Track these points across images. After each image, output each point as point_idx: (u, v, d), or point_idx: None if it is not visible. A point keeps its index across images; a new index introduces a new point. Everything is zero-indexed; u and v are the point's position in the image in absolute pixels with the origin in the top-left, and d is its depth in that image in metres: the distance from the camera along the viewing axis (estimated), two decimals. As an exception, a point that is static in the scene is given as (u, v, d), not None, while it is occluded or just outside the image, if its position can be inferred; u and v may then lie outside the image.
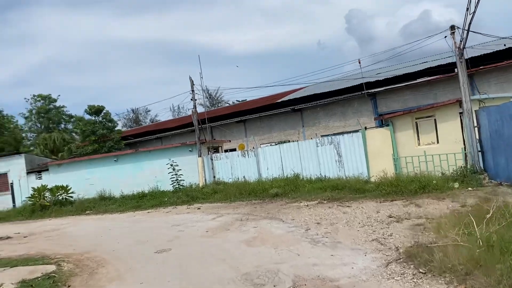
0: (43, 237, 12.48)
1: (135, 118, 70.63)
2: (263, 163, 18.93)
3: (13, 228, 15.99)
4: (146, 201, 18.45)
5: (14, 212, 20.57)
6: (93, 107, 36.78)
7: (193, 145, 20.80)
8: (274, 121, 29.00)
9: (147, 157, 21.53)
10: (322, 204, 11.88)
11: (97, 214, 17.56)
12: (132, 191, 20.78)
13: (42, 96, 45.38)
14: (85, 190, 21.75)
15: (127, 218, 15.01)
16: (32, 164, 23.40)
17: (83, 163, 22.43)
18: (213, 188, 18.10)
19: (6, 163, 23.16)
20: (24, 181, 22.85)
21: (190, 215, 13.18)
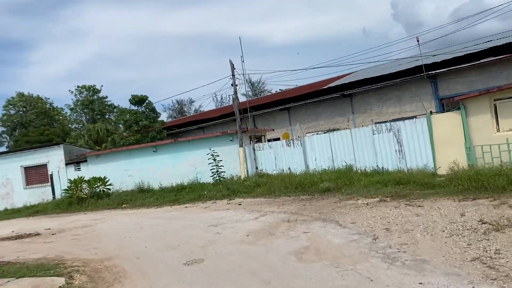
0: (71, 235, 11.39)
1: (180, 109, 70.49)
2: (311, 153, 17.08)
3: (46, 223, 15.20)
4: (185, 194, 17.18)
5: (52, 204, 20.01)
6: (136, 97, 36.27)
7: (234, 134, 19.29)
8: (321, 108, 26.97)
9: (186, 147, 20.28)
10: (385, 203, 9.94)
11: (133, 208, 16.48)
12: (171, 183, 19.64)
13: (86, 87, 45.67)
14: (124, 182, 20.89)
15: (162, 213, 13.72)
16: (71, 155, 22.85)
17: (121, 154, 21.56)
18: (256, 181, 16.50)
19: (45, 154, 22.73)
20: (63, 172, 22.32)
21: (230, 213, 11.64)
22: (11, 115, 50.17)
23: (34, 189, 22.87)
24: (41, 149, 22.83)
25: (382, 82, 23.39)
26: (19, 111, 51.10)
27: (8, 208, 22.97)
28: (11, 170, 23.20)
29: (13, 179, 23.20)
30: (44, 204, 20.99)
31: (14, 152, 23.32)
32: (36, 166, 22.90)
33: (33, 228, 14.11)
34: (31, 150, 22.94)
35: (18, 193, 23.09)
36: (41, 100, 52.42)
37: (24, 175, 23.07)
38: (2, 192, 23.43)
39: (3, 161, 23.31)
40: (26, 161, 22.98)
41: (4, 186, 23.38)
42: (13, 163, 23.17)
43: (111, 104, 46.44)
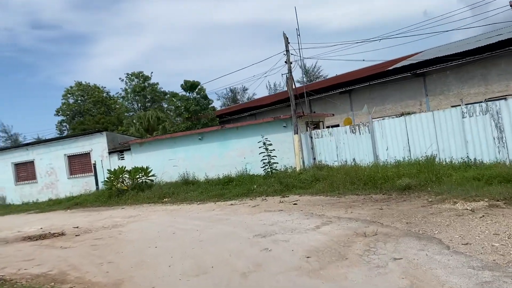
0: (93, 239, 9.53)
1: (233, 98, 68.95)
2: (381, 141, 14.25)
3: (79, 219, 13.70)
4: (232, 188, 15.02)
5: (93, 196, 18.70)
6: (188, 82, 34.72)
7: (288, 120, 16.81)
8: (388, 90, 23.74)
9: (234, 134, 18.09)
10: (499, 209, 7.07)
11: (174, 203, 14.56)
12: (218, 175, 17.60)
13: (136, 74, 44.93)
14: (168, 172, 19.14)
15: (203, 212, 11.58)
16: (115, 143, 21.48)
17: (165, 141, 19.80)
18: (314, 174, 13.95)
19: (88, 142, 21.52)
20: (106, 161, 21.00)
21: (283, 216, 9.23)
22: (70, 104, 51.02)
23: (77, 179, 21.82)
24: (84, 137, 21.66)
25: (462, 59, 19.80)
26: (78, 100, 51.90)
27: (52, 198, 22.13)
28: (55, 159, 22.29)
29: (57, 168, 22.30)
30: (86, 195, 19.77)
31: (58, 140, 22.39)
32: (80, 155, 21.79)
33: (62, 225, 12.59)
34: (74, 138, 21.86)
35: (62, 183, 22.16)
36: (98, 89, 52.90)
37: (68, 164, 22.06)
38: (47, 182, 22.63)
39: (48, 149, 22.45)
40: (69, 149, 21.95)
41: (49, 175, 22.55)
42: (57, 151, 22.24)
43: (162, 91, 45.46)
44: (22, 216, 17.25)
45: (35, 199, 22.76)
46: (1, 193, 23.88)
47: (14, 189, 23.59)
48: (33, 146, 23.00)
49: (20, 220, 15.67)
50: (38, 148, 22.81)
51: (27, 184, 23.26)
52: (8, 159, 23.67)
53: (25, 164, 23.36)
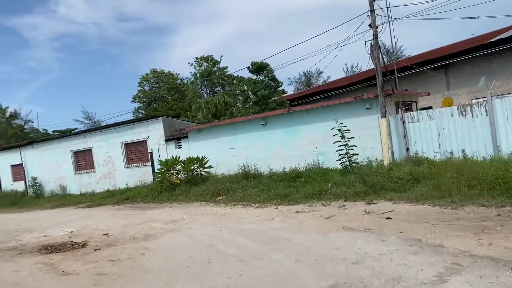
0: (107, 260, 7.03)
1: (307, 82, 65.33)
2: (505, 126, 10.35)
3: (117, 221, 11.60)
4: (300, 187, 11.98)
5: (146, 189, 16.67)
6: (255, 64, 31.93)
7: (372, 100, 13.30)
8: (496, 65, 18.97)
9: (304, 119, 14.93)
10: None
11: (227, 204, 11.85)
12: (283, 167, 14.66)
13: (205, 58, 43.21)
14: (227, 163, 16.56)
15: (259, 224, 8.61)
16: (172, 130, 19.34)
17: (225, 128, 17.18)
18: (410, 171, 10.39)
19: (144, 129, 19.60)
20: (163, 150, 18.95)
21: (373, 242, 6.00)
22: (145, 91, 51.24)
23: (134, 169, 20.09)
24: (140, 123, 19.78)
25: None
26: (153, 87, 51.97)
27: (110, 189, 20.69)
28: (112, 147, 20.77)
29: (114, 157, 20.77)
30: (140, 187, 17.87)
31: (115, 126, 20.82)
32: (136, 143, 20.01)
33: (94, 230, 10.45)
34: (131, 124, 20.08)
35: (120, 173, 20.61)
36: (172, 76, 52.54)
37: (125, 152, 20.42)
38: (105, 171, 21.25)
39: (105, 136, 20.99)
40: (126, 136, 20.26)
41: (106, 164, 21.14)
42: (114, 138, 20.69)
43: (230, 74, 43.29)
44: (68, 211, 15.72)
45: (93, 190, 21.56)
46: (61, 182, 23.06)
47: (73, 178, 22.61)
48: (90, 133, 21.71)
49: (62, 216, 14.03)
50: (95, 135, 21.46)
51: (86, 174, 22.13)
52: (67, 147, 22.70)
53: (84, 152, 22.22)
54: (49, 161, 23.54)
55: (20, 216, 15.61)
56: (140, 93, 51.48)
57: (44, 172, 23.81)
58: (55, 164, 23.31)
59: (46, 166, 23.71)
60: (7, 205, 20.85)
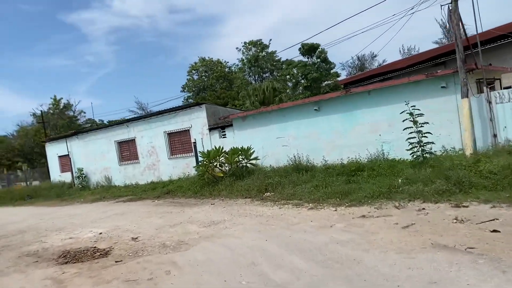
0: (123, 280, 5.61)
1: (361, 66, 61.98)
2: None
3: (151, 220, 10.25)
4: (362, 182, 10.11)
5: (188, 183, 15.34)
6: (306, 45, 29.89)
7: (448, 77, 11.04)
8: None
9: (364, 102, 12.89)
10: None
11: (275, 202, 10.17)
12: (340, 159, 12.83)
13: (253, 42, 41.52)
14: (276, 154, 14.91)
15: (314, 233, 6.82)
16: (216, 118, 17.91)
17: (273, 115, 15.46)
18: (508, 164, 8.17)
19: (187, 117, 18.31)
20: (206, 140, 17.59)
21: (490, 272, 4.09)
22: (194, 80, 50.64)
23: (178, 160, 18.93)
24: (182, 111, 18.49)
25: None
26: (201, 76, 51.30)
27: (154, 180, 19.71)
28: (156, 137, 19.72)
29: (157, 147, 19.72)
30: (183, 180, 16.64)
31: (157, 115, 19.72)
32: (179, 132, 18.79)
33: (124, 232, 9.20)
34: (173, 112, 18.85)
35: (164, 164, 19.54)
36: (220, 64, 51.55)
37: (168, 142, 19.29)
38: (149, 162, 20.28)
39: (148, 126, 19.96)
40: (169, 125, 19.09)
41: (150, 155, 20.15)
42: (157, 128, 19.61)
43: (279, 59, 41.36)
44: (107, 205, 14.75)
45: (137, 181, 20.72)
46: (107, 173, 22.46)
47: (118, 169, 21.91)
48: (133, 123, 20.78)
49: (98, 212, 13.01)
50: (138, 125, 20.51)
51: (130, 165, 21.32)
52: (111, 137, 21.98)
53: (127, 142, 21.39)
54: (94, 152, 23.02)
55: (57, 211, 14.88)
56: (189, 82, 50.90)
57: (90, 163, 23.35)
58: (100, 155, 22.74)
59: (91, 157, 23.22)
60: (52, 197, 20.51)
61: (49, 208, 16.59)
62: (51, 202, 18.70)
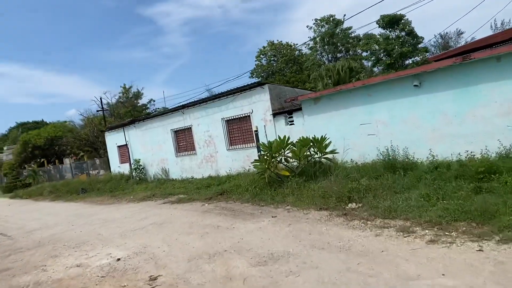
0: None
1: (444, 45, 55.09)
2: None
3: (192, 241, 7.40)
4: (504, 192, 6.39)
5: (247, 181, 12.29)
6: (386, 17, 25.69)
7: None
8: None
9: (491, 72, 8.96)
10: None
11: (367, 223, 6.74)
12: (454, 154, 9.10)
13: (325, 19, 37.48)
14: (360, 146, 11.47)
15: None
16: (281, 101, 14.75)
17: (355, 94, 11.90)
18: None
19: (247, 101, 15.33)
20: (270, 127, 14.53)
21: None
22: (263, 65, 48.03)
23: (237, 151, 16.11)
24: (242, 94, 15.53)
25: None
26: (270, 60, 48.53)
27: (212, 175, 17.14)
28: (213, 125, 17.05)
29: (215, 137, 17.05)
30: (241, 177, 13.68)
31: (214, 99, 16.99)
32: (239, 119, 15.92)
33: (150, 258, 6.57)
34: (231, 96, 15.98)
35: (222, 156, 16.85)
36: (289, 47, 48.22)
37: (226, 131, 16.52)
38: (206, 154, 17.71)
39: (204, 112, 17.33)
40: (227, 111, 16.29)
41: (207, 145, 17.55)
42: (214, 114, 16.91)
43: (356, 36, 36.94)
44: (149, 208, 12.24)
45: (193, 175, 18.31)
46: (164, 165, 20.34)
47: (175, 161, 19.66)
48: (188, 109, 18.26)
49: (134, 220, 10.50)
50: (194, 111, 17.95)
51: (187, 156, 18.93)
52: (167, 125, 19.73)
53: (184, 131, 18.99)
54: (151, 141, 20.99)
55: (98, 213, 12.73)
56: (257, 68, 48.22)
57: (147, 153, 21.41)
58: (156, 145, 20.65)
59: (149, 147, 21.24)
60: (106, 192, 18.76)
61: (93, 207, 14.63)
62: (100, 199, 16.86)
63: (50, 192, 22.31)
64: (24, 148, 39.58)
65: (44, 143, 39.71)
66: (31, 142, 39.44)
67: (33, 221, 12.85)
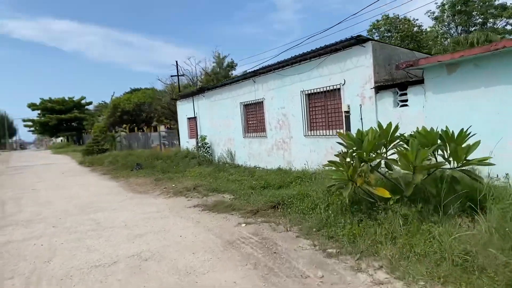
0: None
1: None
2: None
3: None
4: None
5: (321, 189, 7.56)
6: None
7: None
8: None
9: None
10: None
11: None
12: None
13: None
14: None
15: None
16: (390, 68, 9.60)
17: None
18: None
19: (338, 67, 10.41)
20: (369, 108, 9.53)
21: None
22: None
23: (318, 140, 11.39)
24: (329, 57, 10.59)
25: None
26: (383, 36, 41.90)
27: (282, 167, 12.73)
28: (289, 99, 12.48)
29: (290, 116, 12.49)
30: (312, 182, 8.99)
31: (292, 64, 12.28)
32: (324, 93, 11.11)
33: None
34: (314, 59, 11.15)
35: (297, 143, 12.28)
36: (408, 22, 40.87)
37: (306, 109, 11.85)
38: (278, 138, 13.27)
39: (281, 81, 12.77)
40: (308, 82, 11.56)
41: (280, 126, 13.08)
42: (292, 85, 12.30)
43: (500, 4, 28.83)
44: (168, 211, 8.13)
45: (261, 164, 14.09)
46: (230, 147, 16.40)
47: (242, 143, 15.57)
48: (261, 76, 13.86)
49: (127, 234, 6.55)
50: (268, 80, 13.50)
51: (256, 138, 14.70)
52: (237, 97, 15.62)
53: (254, 106, 14.72)
54: (219, 115, 17.14)
55: (99, 210, 8.91)
56: (369, 42, 41.66)
57: (215, 129, 17.65)
58: (224, 120, 16.75)
59: (216, 122, 17.45)
60: (157, 171, 15.36)
61: (116, 195, 11.04)
62: (141, 181, 13.43)
63: (110, 162, 19.89)
64: (114, 112, 38.99)
65: (132, 108, 38.70)
66: (120, 107, 38.66)
67: (28, 209, 9.72)
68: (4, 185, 14.85)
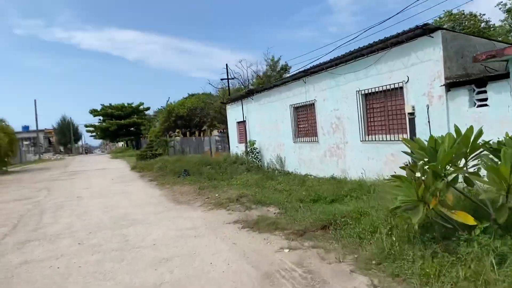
0: None
1: None
2: None
3: None
4: None
5: (384, 206, 6.39)
6: None
7: None
8: None
9: None
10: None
11: None
12: None
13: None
14: None
15: None
16: (464, 62, 8.10)
17: None
18: None
19: (401, 62, 9.02)
20: (439, 108, 8.10)
21: None
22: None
23: (377, 145, 10.04)
24: (389, 51, 9.24)
25: None
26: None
27: (336, 175, 11.47)
28: (343, 100, 11.22)
29: (345, 119, 11.21)
30: (372, 197, 7.71)
31: (346, 61, 10.92)
32: (383, 92, 9.75)
33: None
34: (372, 54, 9.81)
35: (353, 149, 10.98)
36: (474, 17, 37.76)
37: (363, 111, 10.53)
38: (331, 144, 12.01)
39: (334, 81, 11.55)
40: (365, 80, 10.26)
41: (334, 130, 11.83)
42: (346, 84, 11.05)
43: None
44: (203, 228, 7.17)
45: (313, 171, 12.90)
46: (279, 152, 15.35)
47: (292, 148, 14.46)
48: (312, 77, 12.68)
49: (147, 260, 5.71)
50: (319, 80, 12.31)
51: (306, 143, 13.54)
52: (286, 99, 14.55)
53: (305, 108, 13.56)
54: (269, 119, 16.17)
55: (127, 225, 8.18)
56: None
57: (264, 134, 16.70)
58: (273, 124, 15.75)
59: (266, 126, 16.49)
60: (203, 178, 14.60)
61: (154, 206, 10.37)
62: (184, 190, 12.69)
63: (159, 168, 19.56)
64: (168, 117, 39.31)
65: (186, 113, 38.80)
66: (175, 112, 38.91)
67: (63, 220, 9.25)
68: (53, 191, 14.81)
